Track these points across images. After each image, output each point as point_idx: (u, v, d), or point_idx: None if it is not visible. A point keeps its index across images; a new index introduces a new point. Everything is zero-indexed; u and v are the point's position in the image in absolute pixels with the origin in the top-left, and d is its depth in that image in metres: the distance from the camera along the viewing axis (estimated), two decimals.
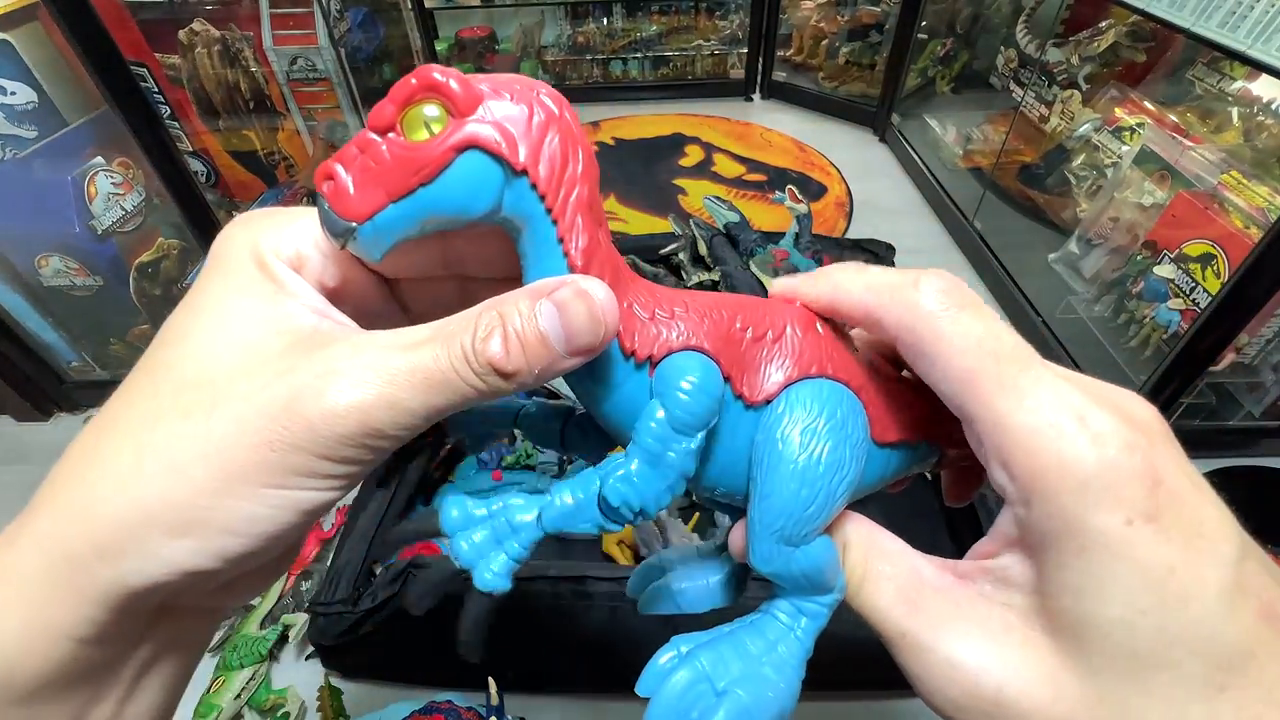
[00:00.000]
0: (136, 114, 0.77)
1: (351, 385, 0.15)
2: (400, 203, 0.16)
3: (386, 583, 0.61)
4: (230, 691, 0.63)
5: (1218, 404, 0.93)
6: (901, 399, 0.21)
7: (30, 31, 0.89)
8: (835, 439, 0.18)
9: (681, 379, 0.17)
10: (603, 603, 0.62)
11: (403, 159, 0.16)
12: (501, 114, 0.16)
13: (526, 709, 0.68)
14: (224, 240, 0.18)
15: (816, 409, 0.18)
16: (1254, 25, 0.73)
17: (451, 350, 0.16)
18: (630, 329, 0.18)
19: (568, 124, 0.17)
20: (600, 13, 2.11)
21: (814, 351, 0.19)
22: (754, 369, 0.19)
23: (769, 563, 0.18)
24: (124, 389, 0.17)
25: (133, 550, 0.15)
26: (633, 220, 1.56)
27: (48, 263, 0.94)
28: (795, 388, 0.19)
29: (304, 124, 1.34)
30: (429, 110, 0.16)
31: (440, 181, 0.16)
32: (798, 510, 0.18)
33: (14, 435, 1.08)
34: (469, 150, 0.16)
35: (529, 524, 0.18)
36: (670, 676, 0.18)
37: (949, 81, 1.79)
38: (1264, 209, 0.86)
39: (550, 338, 0.16)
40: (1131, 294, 1.03)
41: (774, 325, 0.19)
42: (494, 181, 0.16)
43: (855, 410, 0.19)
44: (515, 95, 0.16)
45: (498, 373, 0.16)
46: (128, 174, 0.97)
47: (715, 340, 0.18)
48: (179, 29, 1.14)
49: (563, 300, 0.16)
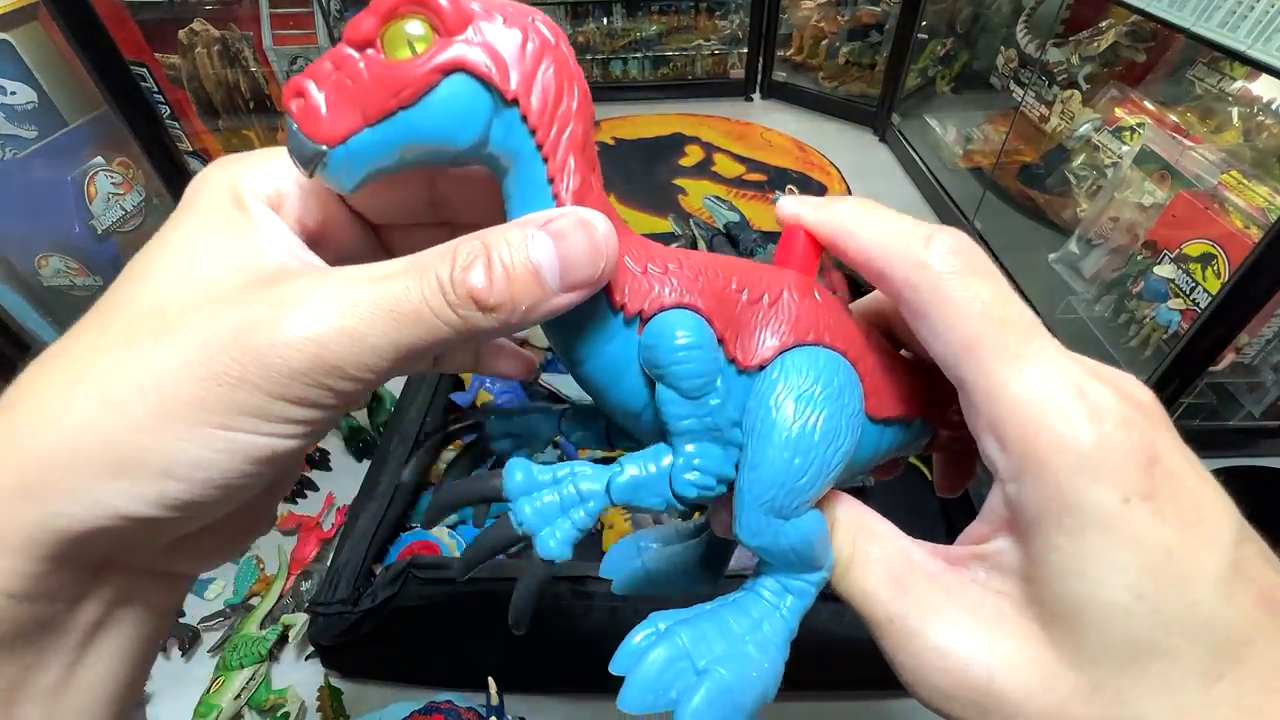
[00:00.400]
0: (136, 114, 0.77)
1: (309, 316, 0.14)
2: (377, 127, 0.14)
3: (386, 583, 0.61)
4: (230, 691, 0.63)
5: (1218, 404, 0.93)
6: (897, 374, 0.21)
7: (30, 31, 0.89)
8: (831, 408, 0.17)
9: (673, 338, 0.16)
10: (603, 603, 0.62)
11: (382, 78, 0.14)
12: (493, 36, 0.15)
13: (526, 709, 0.68)
14: (199, 180, 0.17)
15: (812, 376, 0.17)
16: (1254, 25, 0.73)
17: (426, 281, 0.14)
18: (621, 282, 0.17)
19: (564, 55, 0.16)
20: (600, 13, 2.10)
21: (811, 318, 0.18)
22: (748, 332, 0.18)
23: (757, 535, 0.17)
24: (75, 326, 0.16)
25: (60, 489, 0.14)
26: (633, 220, 1.56)
27: (48, 263, 0.94)
28: (791, 354, 0.18)
29: None
30: (413, 27, 0.14)
31: (422, 105, 0.14)
32: (790, 480, 0.17)
33: None
34: (455, 73, 0.14)
35: (598, 492, 0.17)
36: (647, 654, 0.17)
37: (949, 81, 1.79)
38: (1264, 209, 0.86)
39: (543, 268, 0.15)
40: (1131, 294, 1.03)
41: (770, 289, 0.18)
42: (481, 110, 0.15)
43: (852, 381, 0.18)
44: (509, 18, 0.15)
45: (478, 305, 0.14)
46: (128, 174, 0.97)
47: (709, 299, 0.17)
48: (179, 29, 1.14)
49: (560, 229, 0.15)
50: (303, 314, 0.14)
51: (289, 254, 0.17)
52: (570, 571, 0.63)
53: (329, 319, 0.14)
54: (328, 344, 0.14)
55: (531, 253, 0.15)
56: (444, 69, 0.14)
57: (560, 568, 0.64)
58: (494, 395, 0.87)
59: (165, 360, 0.14)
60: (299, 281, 0.15)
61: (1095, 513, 0.14)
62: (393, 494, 0.73)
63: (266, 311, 0.14)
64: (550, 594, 0.62)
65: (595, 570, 0.63)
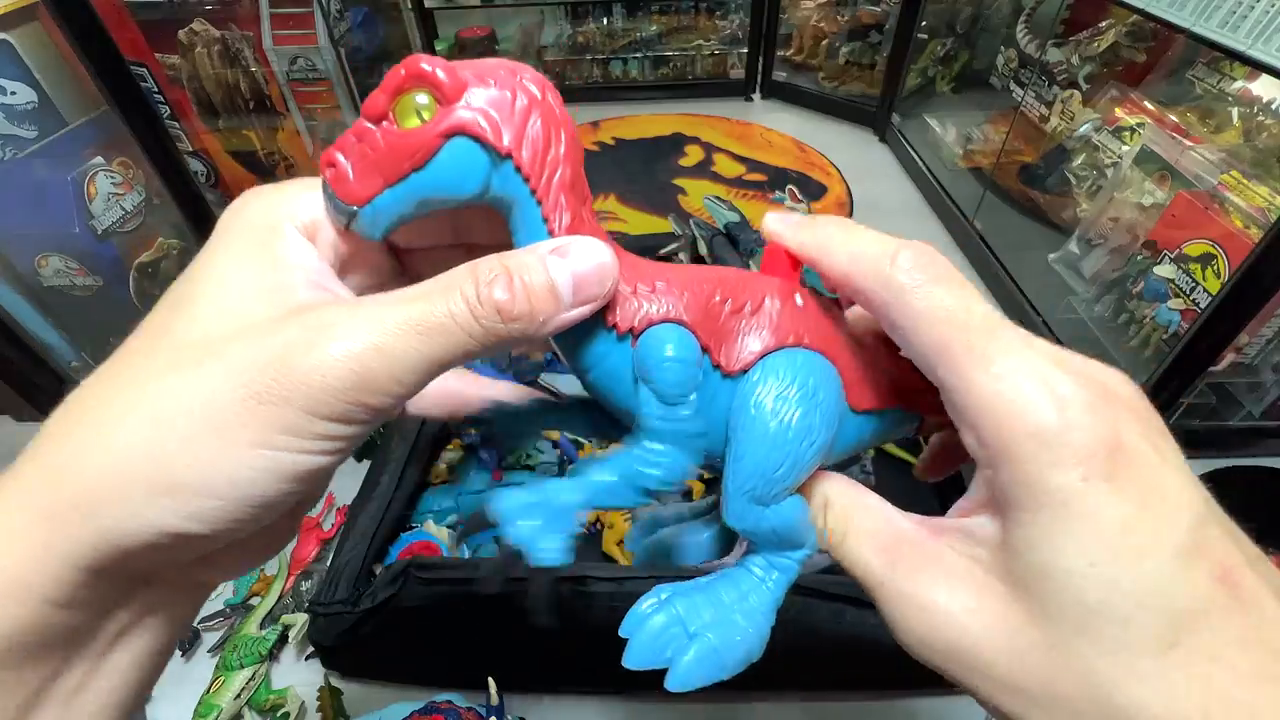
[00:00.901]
0: (136, 114, 0.77)
1: (344, 337, 0.15)
2: (395, 187, 0.17)
3: (386, 583, 0.61)
4: (230, 692, 0.63)
5: (1218, 404, 0.93)
6: (883, 368, 0.22)
7: (30, 31, 0.89)
8: (805, 406, 0.19)
9: (660, 351, 0.18)
10: (603, 603, 0.62)
11: (396, 146, 0.17)
12: (486, 100, 0.17)
13: (526, 709, 0.68)
14: (236, 209, 0.19)
15: (789, 377, 0.19)
16: (1254, 25, 0.73)
17: (451, 298, 0.16)
18: (614, 303, 0.19)
19: (549, 107, 0.18)
20: (600, 13, 2.10)
21: (791, 322, 0.20)
22: (731, 340, 0.20)
23: (741, 520, 0.20)
24: (121, 349, 0.17)
25: (114, 507, 0.15)
26: (633, 220, 1.56)
27: (48, 263, 0.94)
28: (771, 357, 0.20)
29: (304, 124, 1.34)
30: (419, 98, 0.17)
31: (431, 166, 0.17)
32: (768, 471, 0.19)
33: (14, 435, 1.08)
34: (456, 136, 0.17)
35: (574, 502, 0.19)
36: (649, 619, 0.20)
37: (949, 81, 1.79)
38: (1264, 209, 0.86)
39: (559, 285, 0.17)
40: (1132, 294, 1.03)
41: (753, 297, 0.20)
42: (481, 165, 0.17)
43: (828, 378, 0.20)
44: (499, 81, 0.17)
45: (502, 317, 0.16)
46: (128, 174, 0.97)
47: (694, 312, 0.19)
48: (179, 29, 1.14)
49: (568, 250, 0.17)
50: (338, 334, 0.15)
51: (321, 285, 0.18)
52: (570, 572, 0.63)
53: (362, 339, 0.15)
54: (363, 361, 0.15)
55: (550, 270, 0.17)
56: (446, 134, 0.17)
57: (561, 568, 0.64)
58: None
59: (211, 383, 0.15)
60: (333, 309, 0.16)
61: (1056, 491, 0.16)
62: (393, 494, 0.73)
63: (304, 335, 0.15)
64: (550, 594, 0.63)
65: (595, 570, 0.63)
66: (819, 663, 0.62)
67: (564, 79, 2.16)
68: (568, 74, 2.16)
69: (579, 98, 2.11)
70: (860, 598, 0.62)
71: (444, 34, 2.21)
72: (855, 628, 0.59)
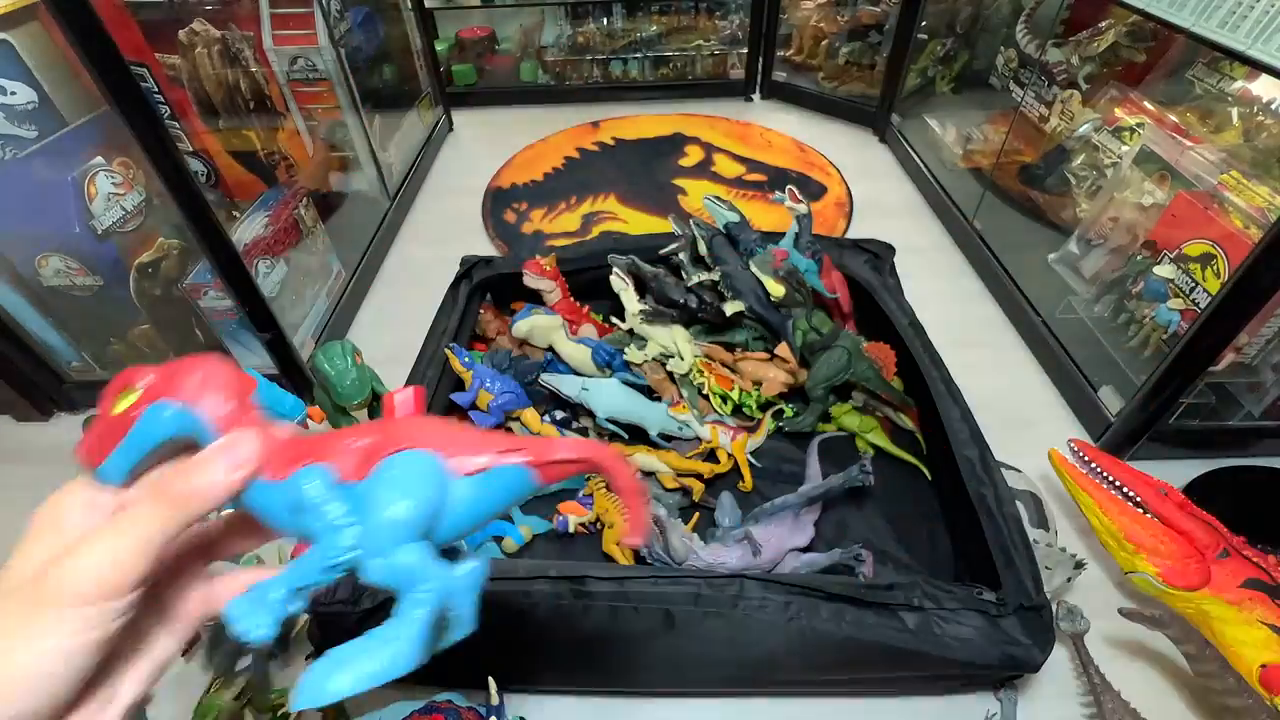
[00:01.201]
0: (136, 114, 0.77)
1: (76, 555, 0.22)
2: (116, 451, 0.25)
3: None
4: (230, 692, 0.63)
5: (1218, 404, 0.93)
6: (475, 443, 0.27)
7: (30, 31, 0.89)
8: (406, 489, 0.25)
9: (299, 486, 0.25)
10: (603, 603, 0.62)
11: (112, 424, 0.25)
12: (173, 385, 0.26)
13: (526, 709, 0.68)
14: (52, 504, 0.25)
15: (398, 471, 0.26)
16: (1254, 25, 0.73)
17: (145, 493, 0.25)
18: (269, 466, 0.26)
19: (206, 375, 0.26)
20: (600, 13, 2.10)
21: (395, 436, 0.27)
22: (356, 461, 0.26)
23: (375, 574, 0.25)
24: None
25: None
26: (633, 220, 1.56)
27: (48, 263, 0.94)
28: (385, 461, 0.26)
29: (304, 124, 1.34)
30: (126, 396, 0.25)
31: (135, 429, 0.25)
32: (376, 543, 0.25)
33: (14, 435, 1.08)
34: (154, 403, 0.25)
35: (282, 596, 0.25)
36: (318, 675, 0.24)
37: (949, 81, 1.79)
38: (1264, 209, 0.87)
39: (219, 463, 0.25)
40: (1131, 294, 1.03)
41: (373, 433, 0.27)
42: (173, 422, 0.25)
43: (425, 465, 0.26)
44: (167, 378, 0.26)
45: (183, 500, 0.24)
46: (128, 174, 0.97)
47: (329, 456, 0.26)
48: (179, 29, 1.14)
49: (226, 447, 0.25)
50: (73, 556, 0.22)
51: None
52: (570, 571, 0.63)
53: (91, 547, 0.22)
54: (92, 559, 0.22)
55: (209, 457, 0.25)
56: (142, 406, 0.25)
57: (560, 568, 0.64)
58: (494, 395, 0.87)
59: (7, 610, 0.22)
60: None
61: None
62: None
63: (53, 566, 0.22)
64: (550, 594, 0.63)
65: (595, 570, 0.63)
66: (819, 663, 0.62)
67: (564, 79, 2.16)
68: (568, 74, 2.16)
69: (579, 98, 2.11)
70: (860, 598, 0.63)
71: (444, 34, 2.21)
72: (856, 628, 0.58)
